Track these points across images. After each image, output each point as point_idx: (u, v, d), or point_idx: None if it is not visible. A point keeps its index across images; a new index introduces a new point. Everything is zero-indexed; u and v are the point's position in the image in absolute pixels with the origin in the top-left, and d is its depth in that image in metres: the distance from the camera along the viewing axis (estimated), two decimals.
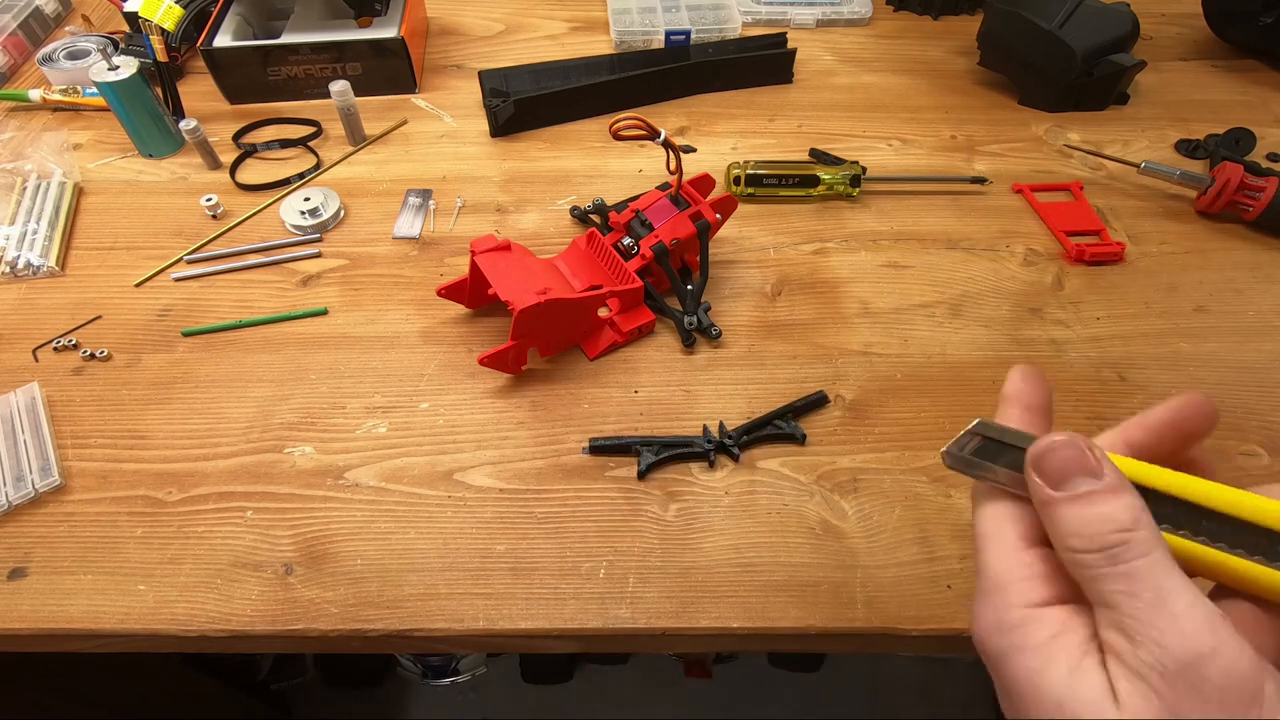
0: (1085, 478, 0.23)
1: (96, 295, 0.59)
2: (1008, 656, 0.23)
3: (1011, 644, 0.23)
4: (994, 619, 0.23)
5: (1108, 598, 0.21)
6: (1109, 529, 0.22)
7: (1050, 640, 0.22)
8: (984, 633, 0.24)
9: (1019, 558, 0.24)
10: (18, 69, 0.81)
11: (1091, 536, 0.22)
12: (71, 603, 0.43)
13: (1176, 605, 0.20)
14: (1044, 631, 0.22)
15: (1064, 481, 0.23)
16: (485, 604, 0.43)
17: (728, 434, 0.49)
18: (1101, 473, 0.23)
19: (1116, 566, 0.21)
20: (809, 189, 0.66)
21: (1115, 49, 0.73)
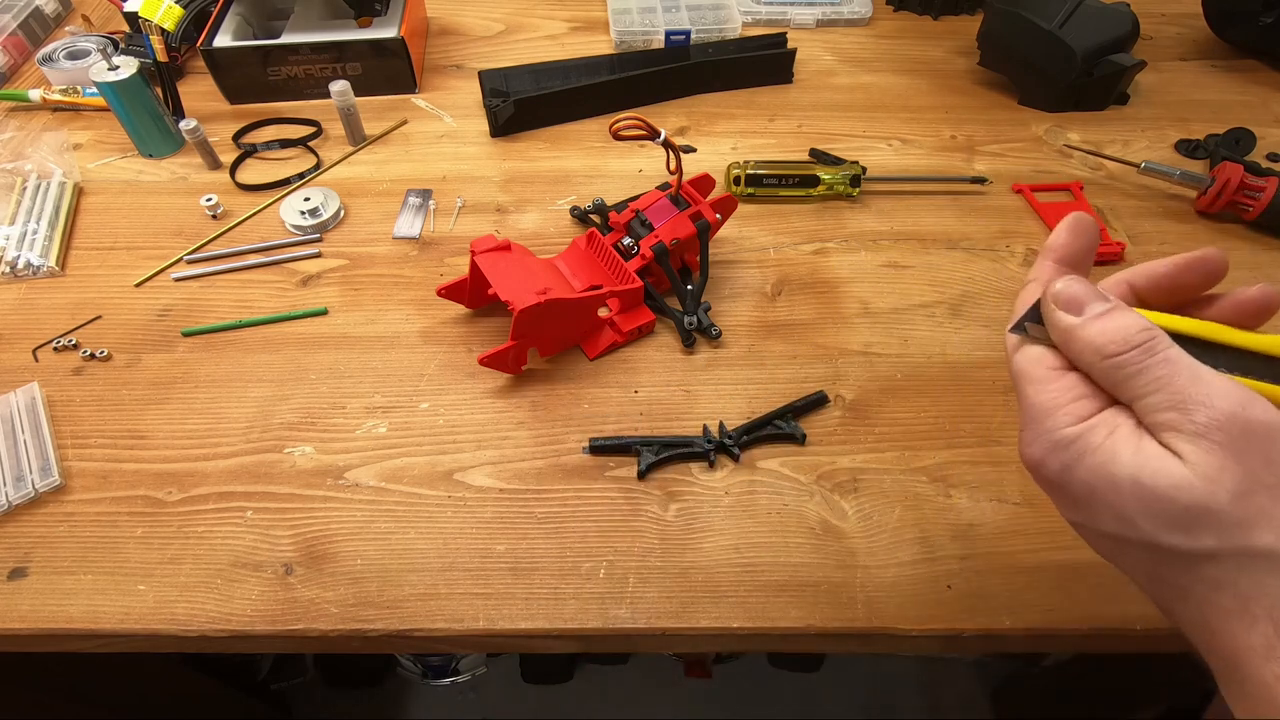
0: (1098, 301, 0.26)
1: (96, 295, 0.59)
2: (1073, 466, 0.25)
3: (1074, 454, 0.25)
4: (1050, 440, 0.26)
5: (1152, 383, 0.24)
6: (1135, 329, 0.25)
7: (1108, 437, 0.25)
8: (1041, 455, 0.26)
9: (1058, 384, 0.27)
10: (18, 69, 0.81)
11: (1124, 340, 0.25)
12: (71, 603, 0.43)
13: (1208, 375, 0.24)
14: (1101, 434, 0.25)
15: (1082, 308, 0.26)
16: (485, 604, 0.43)
17: (728, 434, 0.49)
18: (1109, 297, 0.27)
19: (1154, 356, 0.24)
20: (809, 189, 0.66)
21: (1115, 49, 0.73)
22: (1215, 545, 0.23)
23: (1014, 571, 0.44)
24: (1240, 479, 0.23)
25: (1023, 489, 0.47)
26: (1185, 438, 0.24)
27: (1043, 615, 0.42)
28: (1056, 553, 0.45)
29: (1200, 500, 0.23)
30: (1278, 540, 0.23)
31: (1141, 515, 0.24)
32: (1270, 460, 0.23)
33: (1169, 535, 0.24)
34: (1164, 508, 0.24)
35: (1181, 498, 0.23)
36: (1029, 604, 0.43)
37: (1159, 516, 0.24)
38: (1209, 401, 0.23)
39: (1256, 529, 0.23)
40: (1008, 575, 0.44)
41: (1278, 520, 0.23)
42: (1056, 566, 0.44)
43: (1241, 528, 0.23)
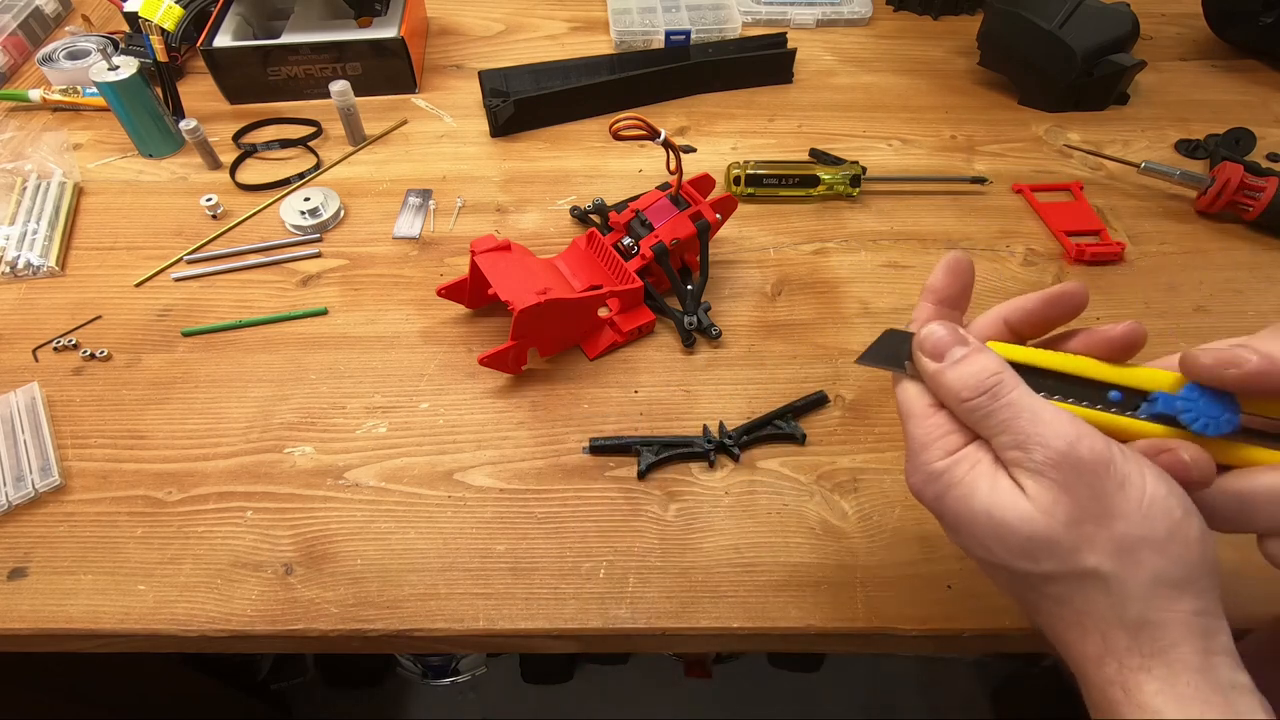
0: (958, 347, 0.30)
1: (96, 295, 0.59)
2: (943, 497, 0.29)
3: (943, 486, 0.29)
4: (925, 473, 0.30)
5: (999, 426, 0.28)
6: (985, 375, 0.29)
7: (969, 472, 0.29)
8: (919, 485, 0.30)
9: (932, 420, 0.30)
10: (18, 69, 0.81)
11: (976, 385, 0.29)
12: (71, 603, 0.43)
13: (1046, 414, 0.28)
14: (964, 468, 0.29)
15: (943, 354, 0.30)
16: (485, 604, 0.43)
17: (728, 434, 0.49)
18: (967, 342, 0.30)
19: (999, 400, 0.28)
20: (809, 189, 0.66)
21: (1115, 49, 0.73)
22: (1054, 568, 0.27)
23: None
24: (1071, 510, 0.27)
25: None
26: (1027, 474, 0.27)
27: None
28: None
29: (1040, 531, 0.27)
30: (1101, 562, 0.27)
31: (995, 544, 0.28)
32: (1095, 492, 0.27)
33: (1018, 561, 0.28)
34: (1012, 538, 0.28)
35: (1024, 529, 0.27)
36: None
37: (1009, 545, 0.28)
38: (1045, 441, 0.27)
39: (1085, 553, 0.27)
40: None
41: (1100, 544, 0.27)
42: None
43: (1074, 552, 0.27)
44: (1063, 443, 0.27)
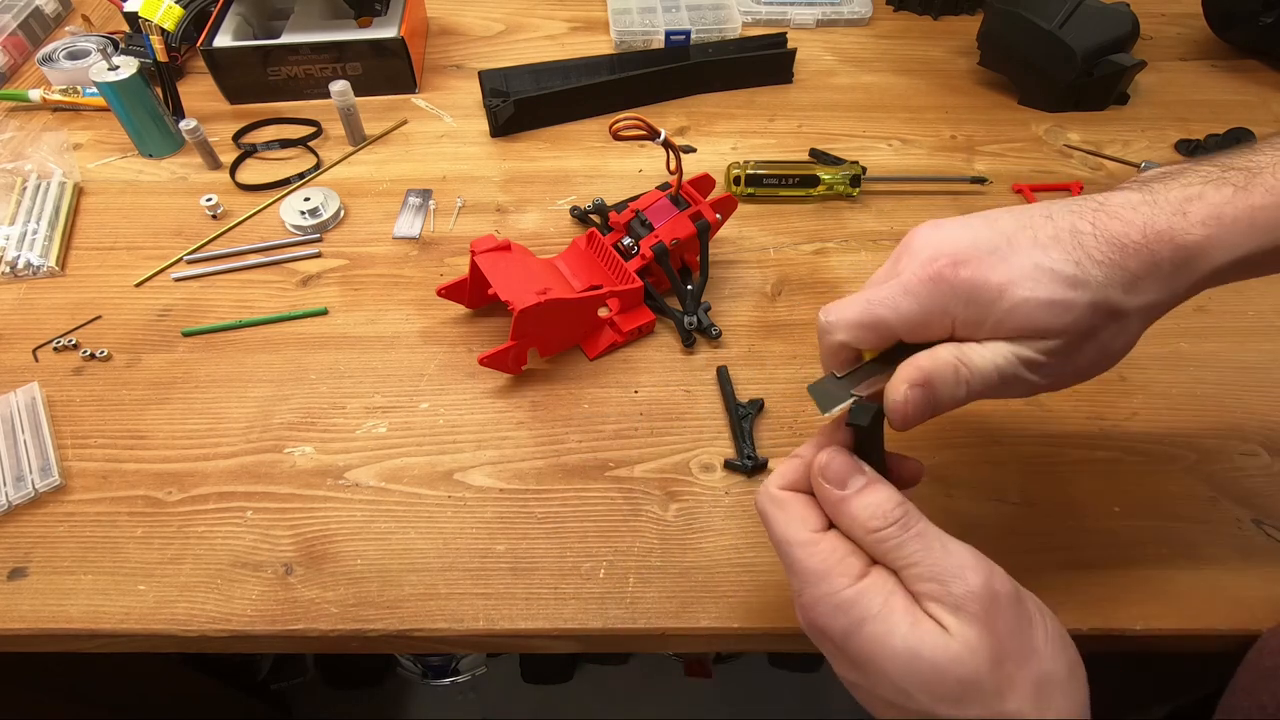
0: (858, 476, 0.30)
1: (96, 295, 0.59)
2: (854, 631, 0.27)
3: (853, 619, 0.27)
4: (830, 603, 0.28)
5: (910, 557, 0.27)
6: (891, 506, 0.28)
7: (884, 605, 0.27)
8: (822, 619, 0.28)
9: (825, 544, 0.29)
10: (18, 69, 0.81)
11: (884, 515, 0.28)
12: (71, 603, 0.43)
13: (954, 547, 0.27)
14: (877, 599, 0.27)
15: (844, 482, 0.29)
16: (485, 604, 0.43)
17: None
18: (864, 470, 0.30)
19: (908, 531, 0.28)
20: (809, 189, 0.66)
21: (1115, 49, 0.73)
22: (980, 714, 0.26)
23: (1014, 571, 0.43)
24: (993, 648, 0.26)
25: (1023, 489, 0.47)
26: (946, 610, 0.26)
27: None
28: (1056, 553, 0.45)
29: (969, 673, 0.26)
30: (1021, 706, 0.26)
31: (918, 689, 0.26)
32: (1014, 629, 0.26)
33: (942, 707, 0.26)
34: (939, 682, 0.26)
35: (954, 672, 0.26)
36: None
37: (934, 690, 0.26)
38: (962, 574, 0.26)
39: (1008, 696, 0.26)
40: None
41: (1020, 686, 0.26)
42: (1056, 566, 0.44)
43: (998, 696, 0.26)
44: (980, 577, 0.27)
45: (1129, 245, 0.30)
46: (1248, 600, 0.43)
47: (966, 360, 0.30)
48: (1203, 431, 0.50)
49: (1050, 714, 0.26)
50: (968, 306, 0.30)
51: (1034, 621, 0.27)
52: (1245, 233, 0.29)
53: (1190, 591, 0.43)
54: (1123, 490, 0.47)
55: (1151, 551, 0.45)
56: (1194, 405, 0.52)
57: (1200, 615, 0.42)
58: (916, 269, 0.31)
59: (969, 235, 0.31)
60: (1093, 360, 0.31)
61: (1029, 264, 0.29)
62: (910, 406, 0.30)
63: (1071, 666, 0.27)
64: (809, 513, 0.31)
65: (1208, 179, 0.30)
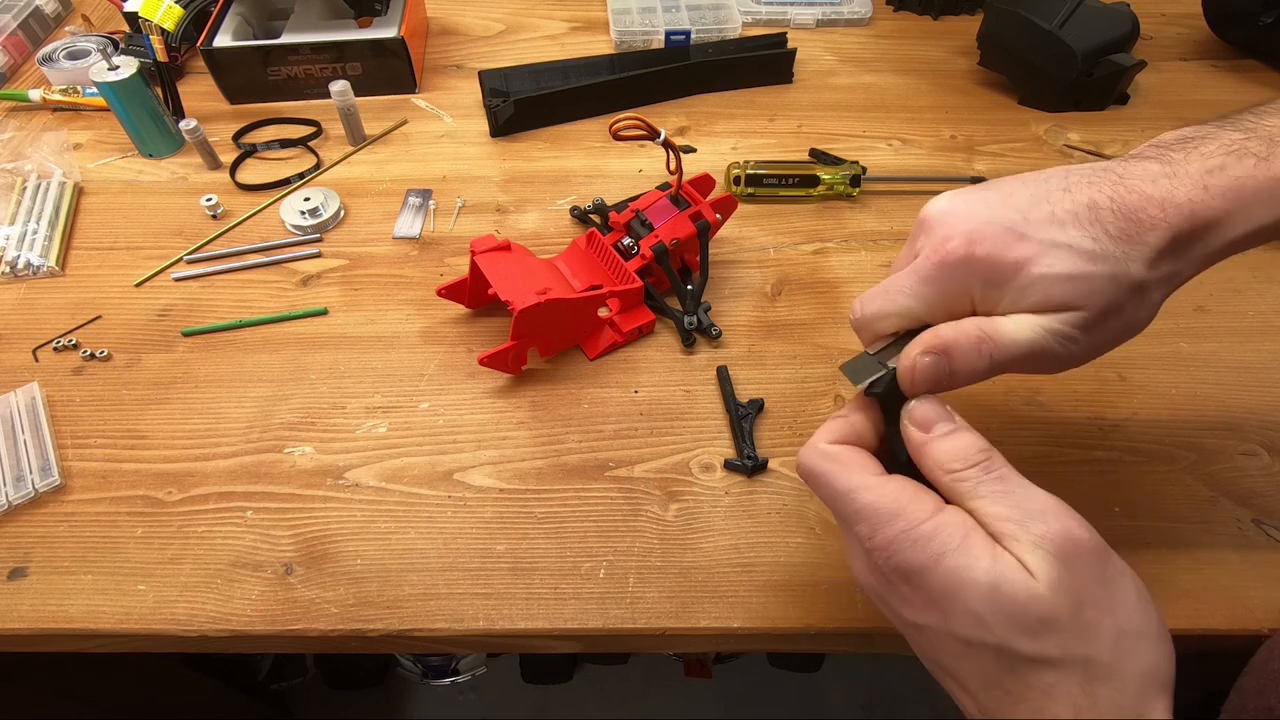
0: (945, 422, 0.30)
1: (96, 295, 0.59)
2: (933, 565, 0.27)
3: (932, 552, 0.27)
4: (908, 539, 0.27)
5: (991, 500, 0.27)
6: (975, 450, 0.29)
7: (964, 539, 0.27)
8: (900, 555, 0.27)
9: (893, 485, 0.29)
10: (18, 69, 0.81)
11: (967, 458, 0.28)
12: (71, 603, 0.43)
13: (1039, 495, 0.28)
14: (956, 534, 0.27)
15: (930, 426, 0.30)
16: (485, 604, 0.43)
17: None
18: (954, 418, 0.30)
19: (991, 473, 0.28)
20: (809, 189, 0.66)
21: (1115, 49, 0.73)
22: (1058, 653, 0.26)
23: None
24: (1074, 592, 0.26)
25: None
26: (1026, 548, 0.26)
27: None
28: None
29: (1050, 611, 0.25)
30: (1101, 651, 0.26)
31: (998, 621, 0.26)
32: (1098, 577, 0.26)
33: (1020, 640, 0.26)
34: (1019, 615, 0.26)
35: (1035, 607, 0.26)
36: None
37: (1013, 622, 0.26)
38: (1043, 517, 0.27)
39: (1088, 639, 0.26)
40: None
41: (1103, 633, 0.26)
42: None
43: (1078, 638, 0.26)
44: (1060, 522, 0.26)
45: (1147, 220, 0.29)
46: (1248, 600, 0.43)
47: (992, 331, 0.30)
48: (1203, 431, 0.50)
49: (1131, 664, 0.26)
50: (985, 285, 0.30)
51: (1122, 575, 0.27)
52: (1265, 204, 0.30)
53: (1190, 591, 0.43)
54: (1123, 490, 0.47)
55: (1151, 551, 0.45)
56: (1194, 405, 0.52)
57: (1200, 615, 0.42)
58: (931, 253, 0.31)
59: (984, 212, 0.31)
60: (1117, 332, 0.31)
61: (1046, 240, 0.29)
62: (918, 371, 0.30)
63: (1160, 629, 0.27)
64: (867, 460, 0.30)
65: (1229, 149, 0.30)
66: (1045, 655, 0.26)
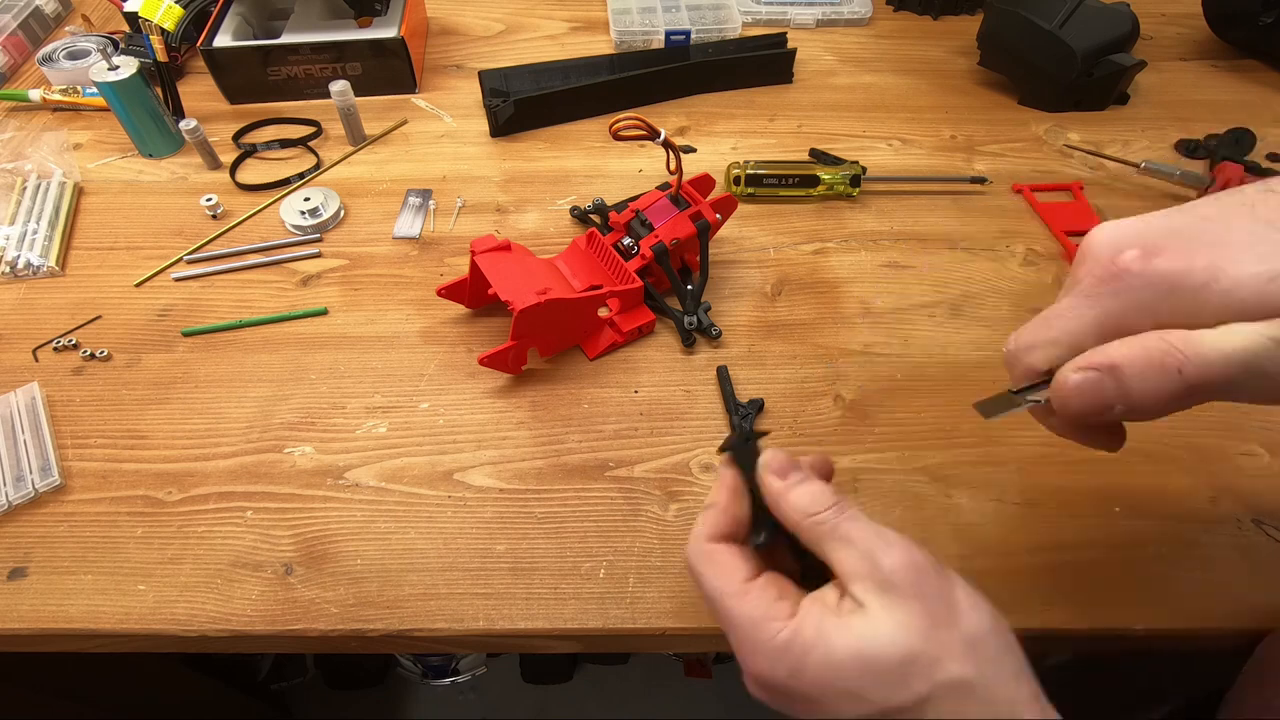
0: (797, 472, 0.32)
1: (96, 295, 0.59)
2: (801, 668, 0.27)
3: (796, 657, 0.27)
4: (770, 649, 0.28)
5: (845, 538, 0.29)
6: (828, 494, 0.30)
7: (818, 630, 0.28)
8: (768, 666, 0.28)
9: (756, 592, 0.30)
10: (18, 69, 0.81)
11: (822, 501, 0.30)
12: (71, 603, 0.43)
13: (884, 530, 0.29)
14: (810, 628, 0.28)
15: (787, 474, 0.31)
16: (485, 604, 0.43)
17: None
18: (803, 467, 0.32)
19: (844, 514, 0.29)
20: (809, 189, 0.66)
21: (1115, 49, 0.73)
22: (925, 690, 0.26)
23: (1014, 571, 0.44)
24: (924, 615, 0.26)
25: (1022, 489, 0.47)
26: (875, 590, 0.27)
27: (1042, 615, 0.42)
28: (1056, 553, 0.45)
29: (905, 650, 0.26)
30: (961, 668, 0.26)
31: (870, 687, 0.26)
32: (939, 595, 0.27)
33: (896, 694, 0.26)
34: (885, 670, 0.26)
35: (893, 653, 0.26)
36: (1029, 604, 0.43)
37: (882, 680, 0.26)
38: (888, 550, 0.28)
39: (945, 661, 0.26)
40: (1008, 575, 0.44)
41: (955, 649, 0.26)
42: (1056, 566, 0.44)
43: (936, 663, 0.26)
44: (905, 551, 0.28)
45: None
46: (1248, 600, 0.43)
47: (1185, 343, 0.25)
48: (1203, 431, 0.50)
49: (987, 667, 0.26)
50: (1171, 298, 0.25)
51: (954, 583, 0.28)
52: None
53: (1190, 591, 0.43)
54: (1123, 490, 0.47)
55: (1151, 551, 0.45)
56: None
57: (1200, 615, 0.42)
58: (1096, 269, 0.27)
59: (1161, 223, 0.26)
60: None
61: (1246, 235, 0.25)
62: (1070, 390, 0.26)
63: (994, 618, 0.28)
64: (738, 562, 0.31)
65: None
66: (917, 696, 0.26)
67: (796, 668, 0.27)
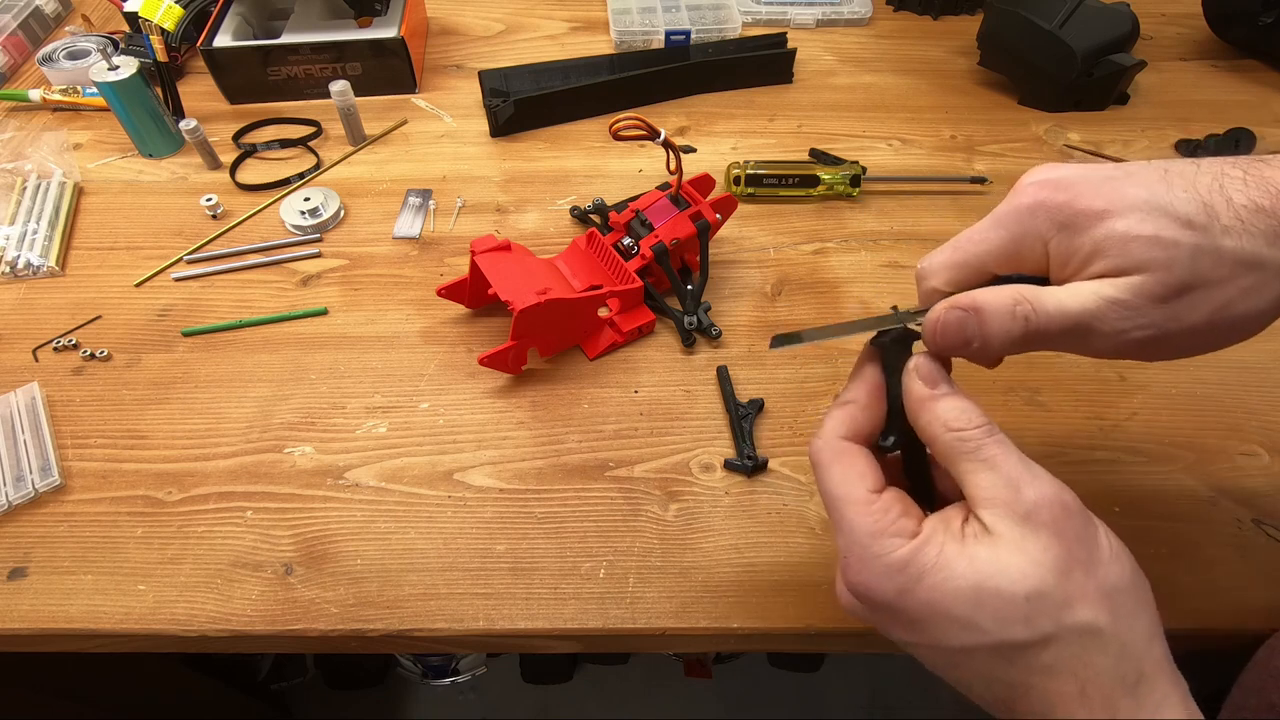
0: (946, 383, 0.29)
1: (96, 295, 0.59)
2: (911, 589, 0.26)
3: (910, 576, 0.26)
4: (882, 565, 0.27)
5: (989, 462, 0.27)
6: (978, 414, 0.28)
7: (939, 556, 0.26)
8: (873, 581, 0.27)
9: (880, 504, 0.28)
10: (18, 69, 0.81)
11: (971, 419, 0.28)
12: (71, 603, 0.43)
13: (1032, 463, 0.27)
14: (932, 552, 0.26)
15: (937, 383, 0.29)
16: (485, 604, 0.43)
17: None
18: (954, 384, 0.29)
19: (993, 436, 0.27)
20: (809, 189, 0.66)
21: (1115, 49, 0.73)
22: (1051, 629, 0.25)
23: None
24: (1060, 556, 0.25)
25: None
26: (1013, 516, 0.26)
27: None
28: None
29: (1034, 585, 0.25)
30: (1094, 615, 0.25)
31: (987, 619, 0.25)
32: (1081, 537, 0.26)
33: (1013, 630, 0.25)
34: (1005, 604, 0.25)
35: (1019, 588, 0.25)
36: None
37: (1002, 614, 0.25)
38: (1035, 484, 0.26)
39: (1077, 605, 0.25)
40: None
41: (1091, 595, 0.25)
42: None
43: (1067, 606, 0.25)
44: (1053, 486, 0.26)
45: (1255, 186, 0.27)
46: (1248, 600, 0.43)
47: (1034, 296, 0.28)
48: (1203, 431, 0.50)
49: (1122, 621, 0.25)
50: (1061, 232, 0.28)
51: (1098, 529, 0.27)
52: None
53: (1190, 591, 0.43)
54: (1123, 490, 0.47)
55: (1151, 551, 0.45)
56: (1194, 405, 0.52)
57: (1200, 615, 0.42)
58: (1012, 198, 0.30)
59: (1087, 170, 0.29)
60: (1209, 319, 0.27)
61: (1142, 194, 0.27)
62: (942, 326, 0.29)
63: (1135, 573, 0.27)
64: (868, 468, 0.29)
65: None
66: (1040, 635, 0.25)
67: (908, 587, 0.26)
